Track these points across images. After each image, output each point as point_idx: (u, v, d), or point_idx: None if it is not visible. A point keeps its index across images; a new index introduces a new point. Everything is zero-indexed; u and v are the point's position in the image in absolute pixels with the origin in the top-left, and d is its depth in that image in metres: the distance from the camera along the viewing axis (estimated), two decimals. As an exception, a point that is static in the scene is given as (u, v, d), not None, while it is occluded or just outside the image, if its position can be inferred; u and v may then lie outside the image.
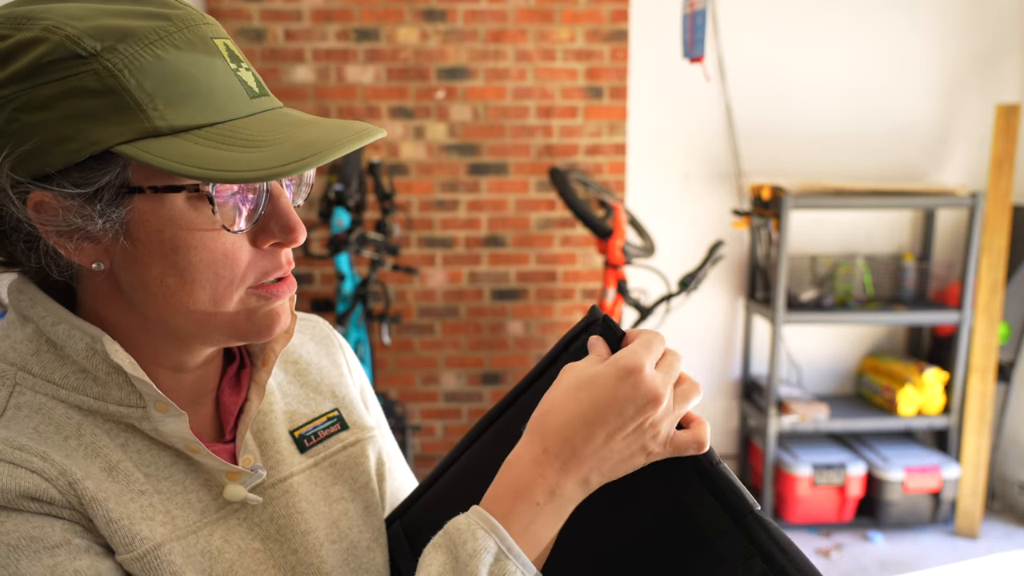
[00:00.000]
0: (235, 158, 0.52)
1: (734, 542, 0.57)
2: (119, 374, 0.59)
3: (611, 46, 3.07)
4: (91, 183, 0.52)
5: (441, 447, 3.23)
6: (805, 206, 2.87)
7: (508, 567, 0.55)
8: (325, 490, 0.71)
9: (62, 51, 0.51)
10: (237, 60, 0.57)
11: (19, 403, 0.58)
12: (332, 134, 0.55)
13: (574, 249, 3.21)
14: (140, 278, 0.56)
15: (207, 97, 0.54)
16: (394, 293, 3.13)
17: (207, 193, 0.54)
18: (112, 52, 0.51)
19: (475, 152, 3.11)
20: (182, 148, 0.52)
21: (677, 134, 3.18)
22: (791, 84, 3.16)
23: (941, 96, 3.21)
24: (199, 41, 0.55)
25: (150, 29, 0.53)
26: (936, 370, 3.05)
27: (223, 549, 0.62)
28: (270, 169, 0.51)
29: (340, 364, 0.80)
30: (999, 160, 2.91)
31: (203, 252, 0.55)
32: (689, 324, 3.25)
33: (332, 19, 2.99)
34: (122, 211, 0.54)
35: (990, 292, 2.95)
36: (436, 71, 3.05)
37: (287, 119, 0.57)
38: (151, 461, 0.61)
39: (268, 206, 0.58)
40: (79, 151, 0.51)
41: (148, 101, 0.52)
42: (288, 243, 0.59)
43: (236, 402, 0.68)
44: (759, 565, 0.56)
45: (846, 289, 3.16)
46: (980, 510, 2.99)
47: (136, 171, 0.54)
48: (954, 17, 3.15)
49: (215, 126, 0.54)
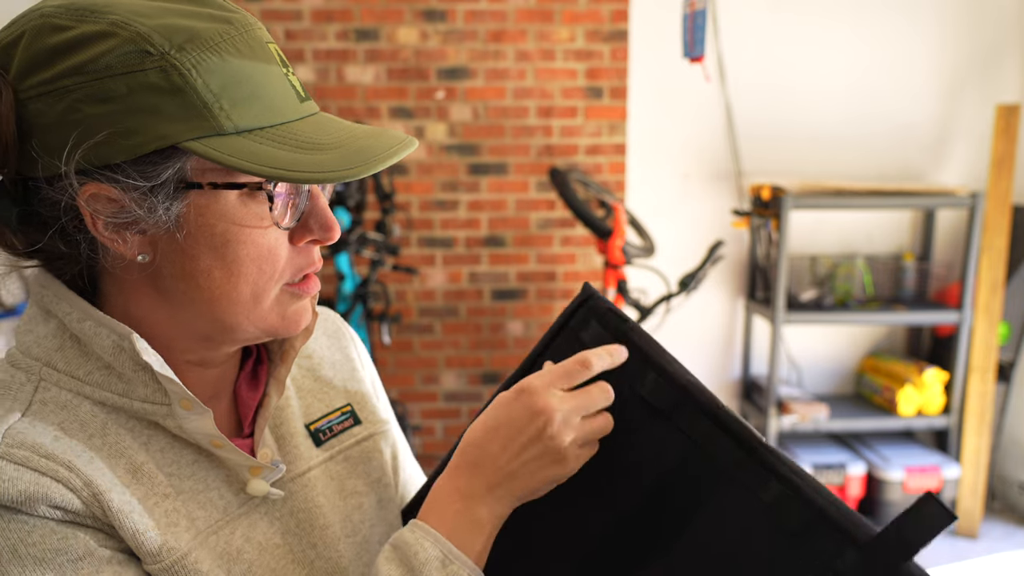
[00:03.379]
0: (301, 159, 0.54)
1: (750, 471, 0.60)
2: (145, 372, 0.59)
3: (611, 46, 3.07)
4: (154, 176, 0.54)
5: (441, 447, 3.23)
6: (805, 206, 2.87)
7: (455, 569, 0.60)
8: (340, 483, 0.73)
9: (131, 47, 0.52)
10: (286, 64, 0.59)
11: (44, 398, 0.59)
12: (383, 141, 0.58)
13: (574, 249, 3.21)
14: (186, 270, 0.57)
15: (265, 100, 0.56)
16: (394, 293, 3.13)
17: (268, 191, 0.57)
18: (181, 52, 0.53)
19: (475, 152, 3.11)
20: (248, 147, 0.54)
21: (677, 134, 3.18)
22: (791, 84, 3.16)
23: (941, 96, 3.21)
24: (257, 45, 0.57)
25: (215, 32, 0.55)
26: (936, 370, 3.05)
27: (243, 548, 0.63)
28: (338, 171, 0.54)
29: (352, 358, 0.81)
30: (999, 160, 2.91)
31: (250, 247, 0.57)
32: (689, 324, 3.25)
33: (332, 19, 2.99)
34: (180, 205, 0.55)
35: (990, 292, 2.95)
36: (436, 71, 3.05)
37: (332, 124, 0.60)
38: (173, 460, 0.61)
39: (308, 205, 0.60)
40: (144, 144, 0.53)
41: (214, 101, 0.53)
42: (325, 240, 0.61)
43: (254, 397, 0.69)
44: (775, 487, 0.59)
45: (846, 289, 3.16)
46: (980, 510, 3.00)
47: (195, 167, 0.55)
48: (954, 17, 3.15)
49: (274, 128, 0.56)
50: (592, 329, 0.69)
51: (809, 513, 0.57)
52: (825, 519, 0.57)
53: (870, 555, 0.54)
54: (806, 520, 0.57)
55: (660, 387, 0.64)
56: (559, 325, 0.72)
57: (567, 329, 0.71)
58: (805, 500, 0.58)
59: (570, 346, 0.70)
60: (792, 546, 0.58)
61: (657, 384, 0.64)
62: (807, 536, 0.57)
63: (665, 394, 0.64)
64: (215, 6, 0.57)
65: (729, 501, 0.61)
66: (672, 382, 0.64)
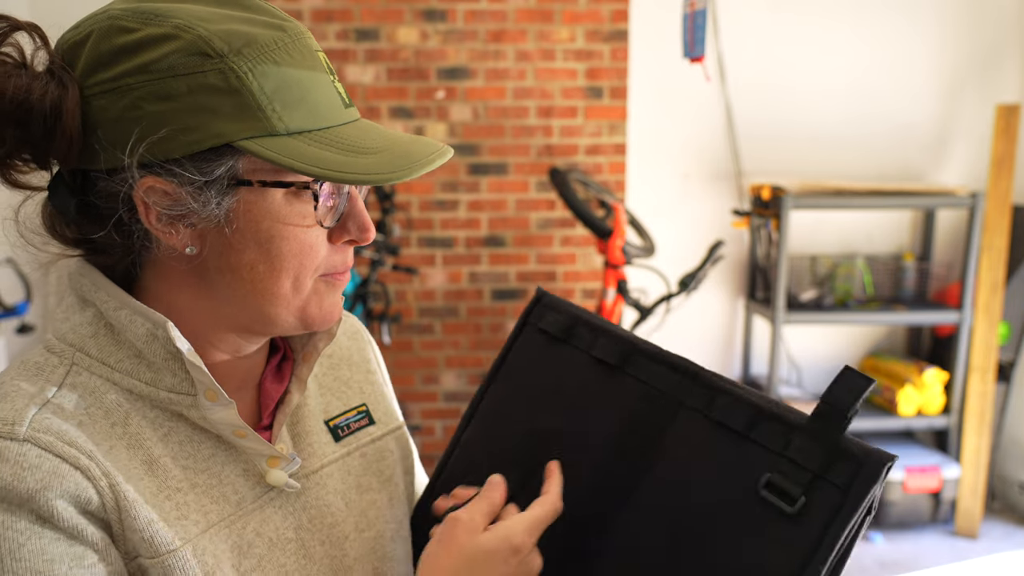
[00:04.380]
0: (348, 162, 0.57)
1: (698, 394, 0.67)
2: (175, 361, 0.61)
3: (611, 46, 3.07)
4: (209, 172, 0.57)
5: (441, 447, 3.23)
6: (805, 206, 2.87)
7: None
8: (357, 479, 0.75)
9: (193, 49, 0.55)
10: (332, 72, 0.62)
11: (75, 382, 0.61)
12: (424, 147, 0.61)
13: (574, 249, 3.21)
14: (231, 263, 0.60)
15: (313, 104, 0.59)
16: (394, 293, 3.13)
17: (315, 191, 0.60)
18: (238, 55, 0.56)
19: (475, 152, 3.11)
20: (299, 148, 0.57)
21: (677, 134, 3.18)
22: (791, 84, 3.16)
23: (941, 96, 3.21)
24: (307, 52, 0.60)
25: (270, 38, 0.58)
26: (936, 370, 3.05)
27: (254, 543, 0.65)
28: (384, 174, 0.57)
29: (369, 359, 0.84)
30: (999, 160, 2.91)
31: (293, 243, 0.60)
32: (689, 324, 3.25)
33: (332, 19, 2.99)
34: (230, 200, 0.58)
35: (990, 292, 2.95)
36: (436, 71, 3.05)
37: (374, 129, 0.63)
38: (191, 453, 0.63)
39: (347, 207, 0.63)
40: (201, 141, 0.56)
41: (268, 103, 0.56)
42: (361, 241, 0.64)
43: (278, 390, 0.71)
44: (720, 400, 0.66)
45: (846, 289, 3.16)
46: (980, 510, 3.00)
47: (246, 165, 0.58)
48: (954, 17, 3.15)
49: (322, 131, 0.59)
50: (548, 318, 0.78)
51: (749, 411, 0.63)
52: (763, 413, 0.63)
53: (812, 432, 0.61)
54: (749, 420, 0.63)
55: (608, 345, 0.73)
56: (519, 325, 0.80)
57: (528, 326, 0.80)
58: (744, 402, 0.64)
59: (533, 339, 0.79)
60: (745, 449, 0.63)
61: (606, 343, 0.73)
62: (754, 435, 0.63)
63: (613, 349, 0.72)
64: (270, 14, 0.60)
65: (685, 426, 0.67)
66: (618, 340, 0.73)
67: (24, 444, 0.55)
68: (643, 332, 2.93)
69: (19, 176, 0.60)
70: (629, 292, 2.70)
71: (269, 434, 0.70)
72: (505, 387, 0.79)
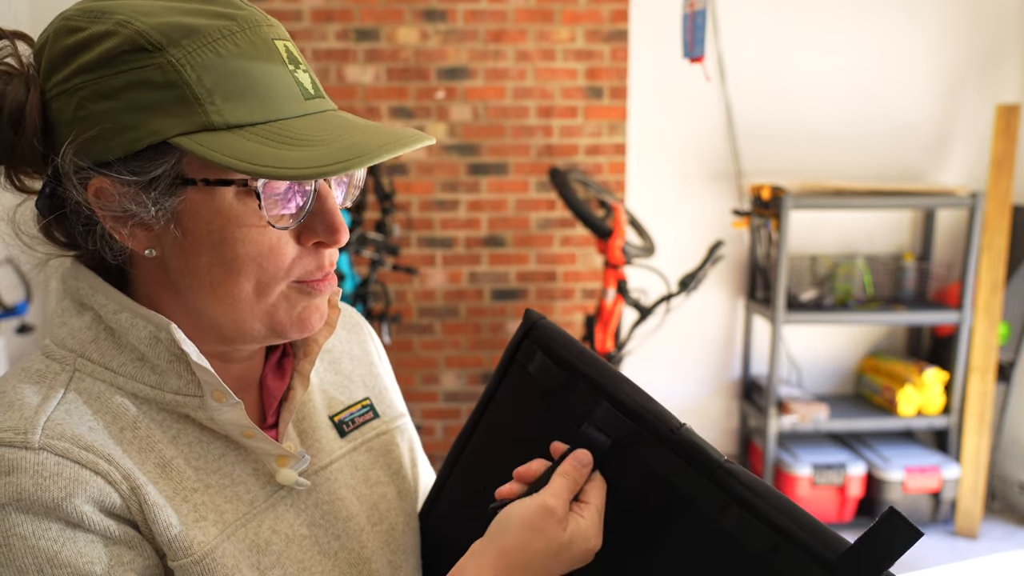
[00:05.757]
0: (283, 156, 0.53)
1: (711, 495, 0.59)
2: (179, 363, 0.60)
3: (611, 46, 3.07)
4: (147, 172, 0.55)
5: (441, 447, 3.23)
6: (805, 206, 2.87)
7: None
8: (365, 473, 0.74)
9: (130, 44, 0.53)
10: (295, 61, 0.59)
11: (79, 388, 0.59)
12: (380, 137, 0.56)
13: (574, 249, 3.21)
14: (189, 266, 0.58)
15: (263, 96, 0.56)
16: (394, 293, 3.13)
17: (254, 188, 0.56)
18: (176, 47, 0.53)
19: (475, 152, 3.11)
20: (234, 143, 0.53)
21: (677, 134, 3.18)
22: (791, 84, 3.16)
23: (941, 96, 3.21)
24: (260, 42, 0.57)
25: (214, 28, 0.55)
26: (936, 370, 3.05)
27: (271, 540, 0.64)
28: (316, 168, 0.53)
29: (371, 352, 0.83)
30: (999, 160, 2.91)
31: (249, 245, 0.57)
32: (689, 324, 3.25)
33: (332, 19, 2.99)
34: (175, 201, 0.56)
35: (990, 292, 2.95)
36: (436, 71, 3.05)
37: (339, 121, 0.58)
38: (201, 454, 0.62)
39: (315, 205, 0.59)
40: (138, 140, 0.54)
41: (207, 96, 0.54)
42: (331, 244, 0.60)
43: (280, 387, 0.70)
44: (735, 511, 0.58)
45: (846, 289, 3.16)
46: (980, 510, 2.99)
47: (191, 163, 0.55)
48: (954, 17, 3.15)
49: (268, 124, 0.56)
50: (537, 361, 0.69)
51: (774, 534, 0.56)
52: (789, 539, 0.55)
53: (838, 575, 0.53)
54: (772, 542, 0.56)
55: (612, 417, 0.63)
56: (506, 361, 0.73)
57: (515, 363, 0.72)
58: (768, 522, 0.56)
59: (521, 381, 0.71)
60: (759, 569, 0.57)
61: (609, 414, 0.63)
62: (773, 558, 0.56)
63: (618, 423, 0.63)
64: (223, 4, 0.58)
65: (692, 527, 0.60)
66: (624, 409, 0.63)
67: (40, 453, 0.54)
68: (643, 332, 2.93)
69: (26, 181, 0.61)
70: (629, 292, 2.70)
71: (275, 432, 0.69)
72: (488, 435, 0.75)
